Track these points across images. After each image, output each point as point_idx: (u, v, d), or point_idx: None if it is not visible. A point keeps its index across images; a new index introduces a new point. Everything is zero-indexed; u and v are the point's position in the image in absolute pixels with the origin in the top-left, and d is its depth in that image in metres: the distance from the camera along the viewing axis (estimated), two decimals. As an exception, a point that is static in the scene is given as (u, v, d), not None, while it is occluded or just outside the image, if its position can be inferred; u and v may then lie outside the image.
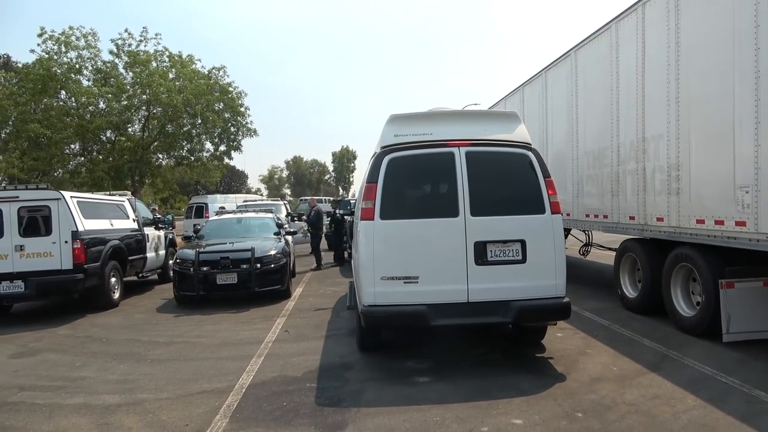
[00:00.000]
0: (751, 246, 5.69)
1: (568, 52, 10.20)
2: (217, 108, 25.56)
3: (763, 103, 5.43)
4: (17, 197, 9.16)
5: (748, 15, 5.60)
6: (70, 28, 23.33)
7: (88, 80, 24.00)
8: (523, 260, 5.49)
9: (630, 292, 8.33)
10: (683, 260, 6.93)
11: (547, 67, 11.34)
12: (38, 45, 22.98)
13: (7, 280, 8.93)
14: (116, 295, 10.43)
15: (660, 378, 5.28)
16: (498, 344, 6.78)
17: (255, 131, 27.58)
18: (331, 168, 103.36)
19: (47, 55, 22.80)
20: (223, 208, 14.31)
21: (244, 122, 27.04)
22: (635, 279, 8.29)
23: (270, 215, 13.50)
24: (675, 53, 6.88)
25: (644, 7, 7.62)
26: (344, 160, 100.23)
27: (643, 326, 7.25)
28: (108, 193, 13.75)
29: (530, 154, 5.78)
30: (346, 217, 15.11)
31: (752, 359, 5.68)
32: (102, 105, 23.87)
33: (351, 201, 19.10)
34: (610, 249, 10.55)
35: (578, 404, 4.69)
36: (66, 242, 9.15)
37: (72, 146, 25.28)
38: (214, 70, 26.06)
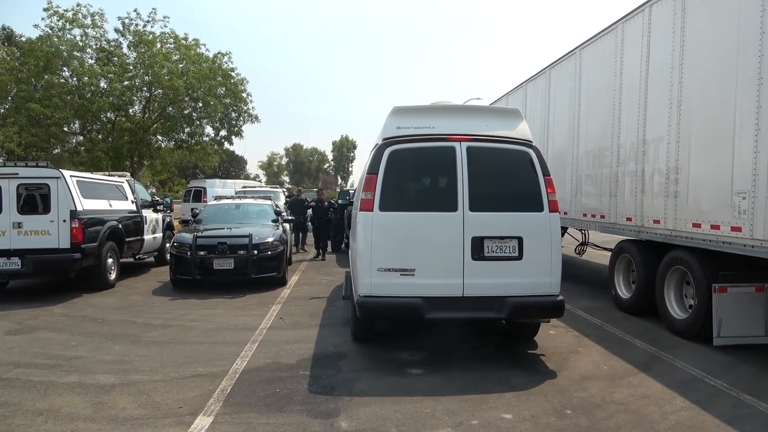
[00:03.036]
0: (746, 252, 5.73)
1: (573, 50, 10.19)
2: (219, 93, 25.46)
3: (764, 110, 5.45)
4: (17, 174, 9.15)
5: (754, 22, 5.61)
6: (78, 5, 23.15)
7: (92, 59, 23.85)
8: (520, 257, 5.53)
9: (624, 292, 8.39)
10: (678, 263, 6.98)
11: (551, 64, 11.33)
12: (42, 20, 22.83)
13: (4, 257, 8.94)
14: (112, 276, 10.46)
15: (650, 379, 5.34)
16: (491, 339, 6.83)
17: (256, 117, 27.57)
18: (330, 157, 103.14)
19: (51, 31, 22.64)
20: (221, 197, 14.36)
21: (245, 108, 26.95)
22: (629, 280, 8.35)
23: (268, 202, 13.52)
24: (679, 56, 6.89)
25: (651, 8, 7.61)
26: (344, 149, 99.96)
27: (636, 327, 7.32)
28: (107, 173, 13.73)
29: (531, 151, 5.80)
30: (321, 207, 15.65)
31: (741, 363, 5.75)
32: (103, 85, 23.74)
33: (350, 191, 19.09)
34: (605, 249, 10.60)
35: (568, 401, 4.75)
36: (64, 221, 9.15)
37: (71, 125, 25.17)
38: (219, 55, 25.89)
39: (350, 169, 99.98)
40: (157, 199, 14.12)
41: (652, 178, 7.51)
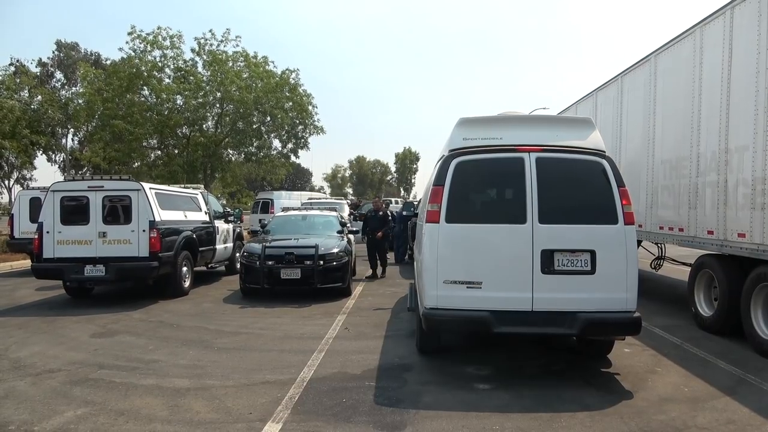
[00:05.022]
0: None
1: (647, 56, 9.80)
2: (286, 106, 26.19)
3: None
4: (102, 187, 9.79)
5: None
6: (158, 28, 24.59)
7: (169, 78, 25.20)
8: (592, 271, 5.32)
9: (705, 310, 7.91)
10: (766, 280, 6.51)
11: (623, 71, 10.94)
12: (126, 43, 24.41)
13: (90, 264, 9.56)
14: (187, 284, 10.92)
15: (736, 403, 4.99)
16: (561, 356, 6.61)
17: (322, 128, 28.04)
18: (393, 169, 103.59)
19: (133, 53, 24.14)
20: (288, 209, 14.61)
21: (311, 121, 27.54)
22: (711, 297, 7.87)
23: (334, 213, 13.74)
24: (765, 60, 6.48)
25: (732, 11, 7.22)
26: (406, 161, 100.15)
27: (718, 347, 6.88)
28: (183, 185, 14.41)
29: (604, 161, 5.60)
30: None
31: (842, 390, 5.28)
32: (179, 102, 24.99)
33: (414, 202, 19.13)
34: (683, 264, 10.07)
35: (646, 424, 4.51)
36: (144, 231, 9.67)
37: (150, 140, 26.63)
38: (287, 71, 26.58)
39: (413, 180, 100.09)
40: (228, 210, 14.65)
41: (736, 189, 7.07)
